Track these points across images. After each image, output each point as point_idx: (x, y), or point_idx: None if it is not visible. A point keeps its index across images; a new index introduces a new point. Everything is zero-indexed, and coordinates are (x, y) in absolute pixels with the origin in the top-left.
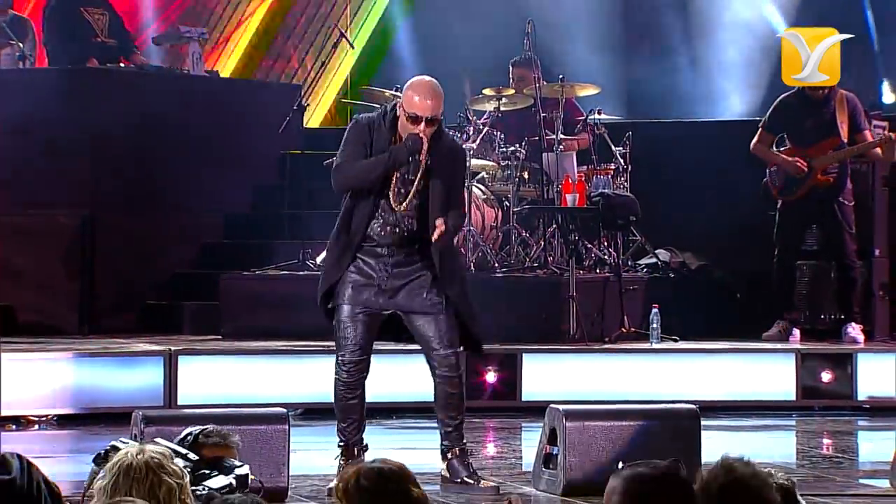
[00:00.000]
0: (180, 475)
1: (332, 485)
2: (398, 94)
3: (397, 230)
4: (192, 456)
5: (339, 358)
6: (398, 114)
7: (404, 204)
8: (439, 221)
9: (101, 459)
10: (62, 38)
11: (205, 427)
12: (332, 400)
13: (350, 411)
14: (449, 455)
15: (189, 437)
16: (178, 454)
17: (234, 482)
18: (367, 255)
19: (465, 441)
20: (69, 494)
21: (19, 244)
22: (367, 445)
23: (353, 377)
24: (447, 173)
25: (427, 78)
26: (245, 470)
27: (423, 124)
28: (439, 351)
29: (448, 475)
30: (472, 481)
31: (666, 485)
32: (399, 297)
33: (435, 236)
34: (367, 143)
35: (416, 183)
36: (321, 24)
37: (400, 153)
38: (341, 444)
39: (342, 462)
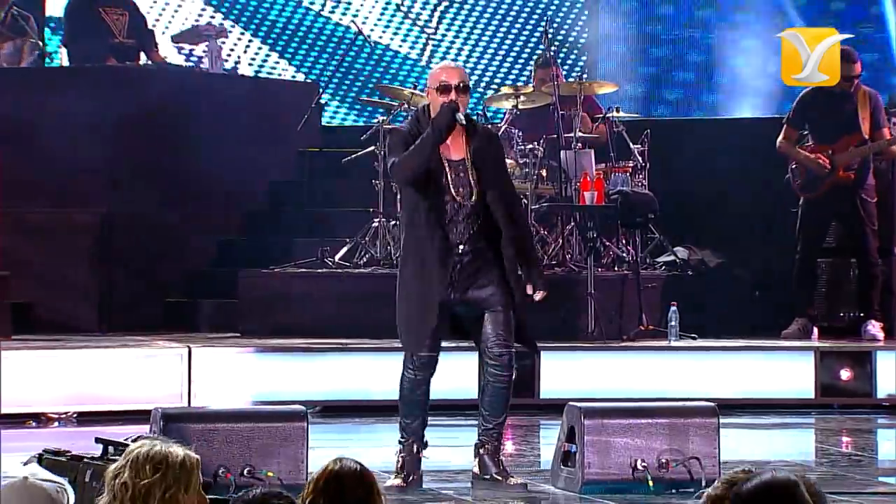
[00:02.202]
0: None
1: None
2: (416, 91)
3: (462, 227)
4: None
5: (410, 356)
6: (428, 103)
7: (467, 200)
8: (530, 289)
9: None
10: (81, 37)
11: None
12: (397, 395)
13: (414, 407)
14: (481, 451)
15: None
16: (121, 446)
17: None
18: (437, 253)
19: (500, 440)
20: None
21: (38, 242)
22: (427, 442)
23: (422, 374)
24: (493, 161)
25: (449, 60)
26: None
27: (453, 92)
28: (494, 349)
29: (479, 471)
30: (500, 478)
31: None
32: (469, 292)
33: (539, 297)
34: (412, 142)
35: (468, 175)
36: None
37: (438, 118)
38: (402, 440)
39: (401, 458)
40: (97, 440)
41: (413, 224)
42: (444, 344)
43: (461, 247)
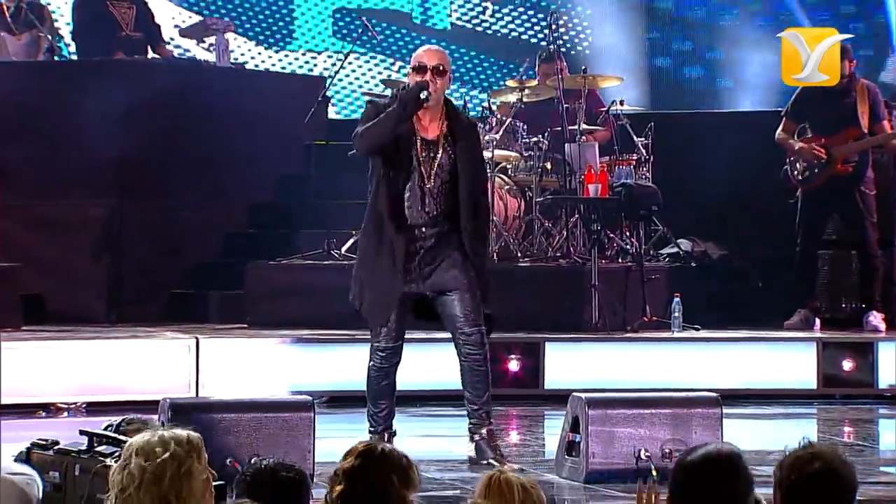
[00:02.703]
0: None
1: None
2: None
3: (427, 209)
4: (122, 438)
5: (374, 344)
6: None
7: (430, 181)
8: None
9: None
10: (89, 31)
11: (127, 416)
12: (364, 386)
13: (381, 397)
14: (476, 436)
15: (111, 427)
16: (106, 438)
17: None
18: (400, 241)
19: (491, 421)
20: None
21: (48, 234)
22: (395, 431)
23: (386, 363)
24: (469, 146)
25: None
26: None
27: (428, 73)
28: (465, 329)
29: (476, 456)
30: (497, 463)
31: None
32: (431, 278)
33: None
34: None
35: (437, 158)
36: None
37: (405, 95)
38: (371, 429)
39: None
40: (81, 433)
41: (378, 195)
42: (449, 335)
43: (423, 229)
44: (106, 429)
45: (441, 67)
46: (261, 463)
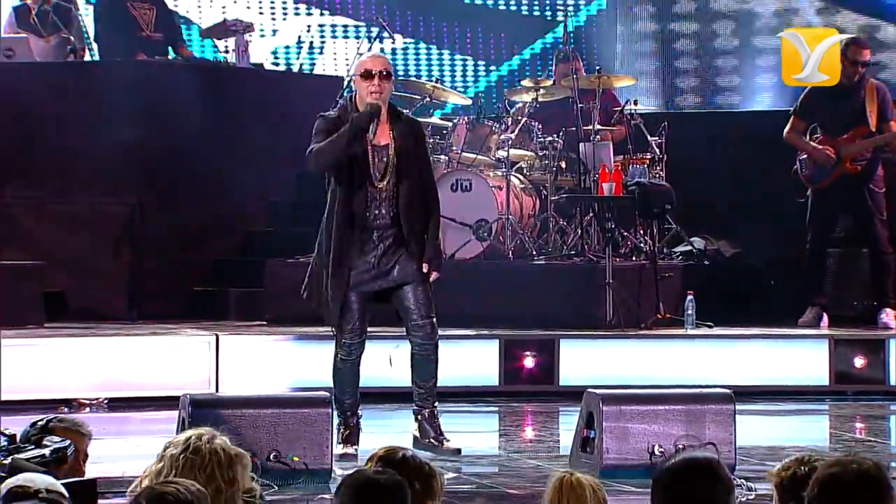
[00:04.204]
0: (232, 481)
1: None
2: (438, 85)
3: (384, 211)
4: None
5: (341, 340)
6: (353, 89)
7: (383, 183)
8: (425, 267)
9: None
10: (110, 32)
11: (58, 415)
12: (332, 376)
13: (348, 385)
14: (419, 417)
15: (41, 422)
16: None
17: (47, 453)
18: (359, 241)
19: (435, 403)
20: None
21: (70, 232)
22: (360, 414)
23: (352, 356)
24: (411, 147)
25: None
26: (65, 444)
27: (376, 79)
28: (417, 321)
29: (419, 435)
30: (437, 443)
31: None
32: (391, 275)
33: (432, 278)
34: (335, 130)
35: (389, 162)
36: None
37: (360, 117)
38: (339, 416)
39: (345, 432)
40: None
41: (335, 199)
42: (466, 332)
43: (380, 229)
44: (33, 426)
45: (386, 71)
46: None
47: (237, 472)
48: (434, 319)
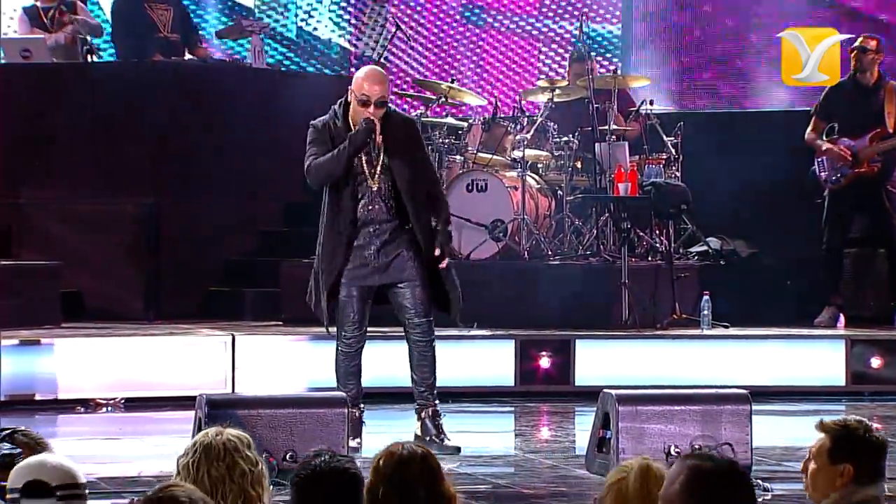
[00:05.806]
0: (255, 462)
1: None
2: (454, 86)
3: (377, 207)
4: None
5: (342, 334)
6: (349, 100)
7: (375, 180)
8: (437, 251)
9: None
10: (127, 33)
11: (21, 428)
12: (334, 370)
13: (351, 377)
14: (422, 415)
15: (6, 430)
16: None
17: None
18: (358, 238)
19: (437, 402)
20: (134, 475)
21: (86, 232)
22: (363, 408)
23: (353, 349)
24: (404, 146)
25: (374, 66)
26: (16, 451)
27: (372, 107)
28: (414, 320)
29: (420, 433)
30: (438, 440)
31: (728, 480)
32: (388, 271)
33: (443, 265)
34: (328, 140)
35: (379, 161)
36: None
37: (356, 136)
38: None
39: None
40: None
41: (332, 201)
42: (481, 332)
43: (377, 228)
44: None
45: (382, 100)
46: (320, 458)
47: (253, 454)
48: (431, 319)
